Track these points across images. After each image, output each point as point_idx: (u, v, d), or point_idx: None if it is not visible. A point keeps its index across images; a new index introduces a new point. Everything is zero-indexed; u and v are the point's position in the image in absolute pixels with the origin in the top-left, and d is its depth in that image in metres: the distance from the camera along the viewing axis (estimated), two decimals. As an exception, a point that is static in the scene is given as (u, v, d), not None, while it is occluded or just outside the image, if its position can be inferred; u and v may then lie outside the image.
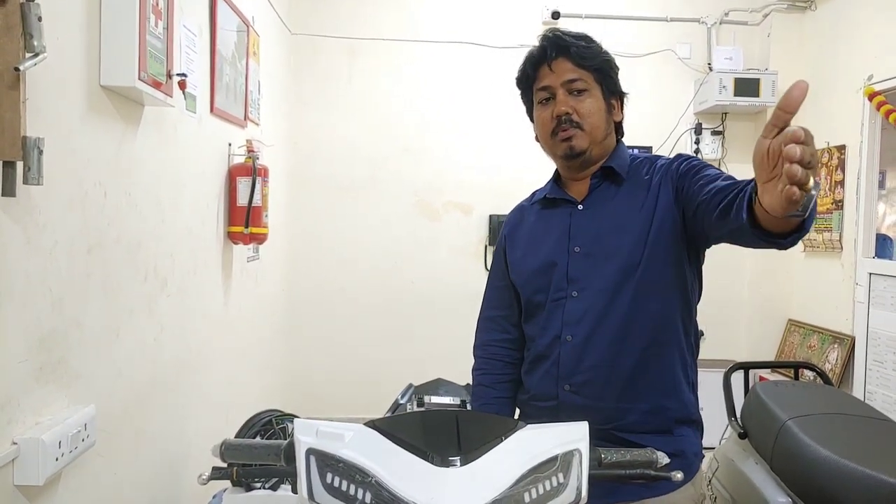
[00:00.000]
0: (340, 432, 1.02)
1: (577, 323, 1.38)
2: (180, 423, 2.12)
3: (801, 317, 3.94)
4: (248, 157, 2.50)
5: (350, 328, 4.00)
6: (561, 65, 1.41)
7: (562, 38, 1.41)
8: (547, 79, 1.42)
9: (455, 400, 1.97)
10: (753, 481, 1.78)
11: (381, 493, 0.95)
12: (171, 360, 2.03)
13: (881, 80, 3.33)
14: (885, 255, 3.60)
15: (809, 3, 3.94)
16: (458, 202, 4.06)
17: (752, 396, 1.96)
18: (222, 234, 2.47)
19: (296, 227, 3.91)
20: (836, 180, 3.64)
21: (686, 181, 1.33)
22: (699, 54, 4.11)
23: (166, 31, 1.69)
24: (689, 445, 1.40)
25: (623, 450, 1.12)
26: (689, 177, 1.32)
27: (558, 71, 1.41)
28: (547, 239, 1.47)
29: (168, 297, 1.98)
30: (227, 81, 2.46)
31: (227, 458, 1.14)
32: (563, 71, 1.41)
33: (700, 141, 4.10)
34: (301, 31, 3.88)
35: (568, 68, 1.40)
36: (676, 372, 1.39)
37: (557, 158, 1.47)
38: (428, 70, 4.01)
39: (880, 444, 1.64)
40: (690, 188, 1.30)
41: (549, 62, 1.41)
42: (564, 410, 1.36)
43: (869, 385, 3.33)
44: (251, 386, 3.02)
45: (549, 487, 0.98)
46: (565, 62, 1.41)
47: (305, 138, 3.93)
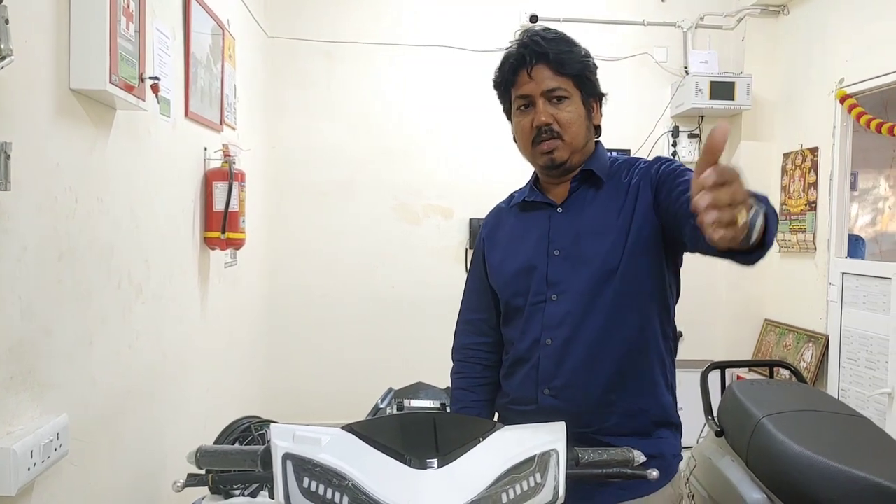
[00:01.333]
0: (317, 436, 1.02)
1: (556, 326, 1.38)
2: (157, 431, 2.09)
3: (777, 316, 3.99)
4: (225, 162, 2.48)
5: (330, 333, 3.98)
6: (540, 72, 1.39)
7: (540, 43, 1.38)
8: (526, 86, 1.40)
9: (435, 403, 1.96)
10: (730, 478, 1.80)
11: (358, 496, 0.94)
12: (147, 367, 2.01)
13: (852, 84, 3.38)
14: (857, 254, 3.66)
15: (782, 7, 3.99)
16: (438, 205, 4.06)
17: (729, 395, 1.98)
18: (198, 240, 2.45)
19: (274, 232, 3.89)
20: (810, 182, 3.69)
21: (665, 186, 1.32)
22: (675, 58, 4.16)
23: (138, 34, 1.67)
24: (667, 447, 1.41)
25: (600, 449, 1.13)
26: (669, 182, 1.32)
27: (538, 79, 1.39)
28: (526, 242, 1.46)
29: (143, 304, 1.96)
30: (202, 85, 2.44)
31: (202, 465, 1.13)
32: (542, 79, 1.38)
33: (677, 143, 4.13)
34: (278, 34, 3.86)
35: (547, 76, 1.38)
36: (655, 374, 1.40)
37: (537, 167, 1.47)
38: (407, 74, 4.01)
39: (852, 440, 1.66)
40: (669, 195, 1.29)
41: (529, 69, 1.39)
42: (543, 414, 1.35)
43: (842, 382, 3.37)
44: (230, 393, 2.99)
45: (526, 488, 0.98)
46: (544, 69, 1.38)
47: (283, 142, 3.91)
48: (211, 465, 1.13)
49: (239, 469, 1.13)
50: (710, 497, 1.92)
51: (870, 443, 1.66)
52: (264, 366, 3.76)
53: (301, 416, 3.70)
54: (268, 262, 3.83)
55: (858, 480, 1.46)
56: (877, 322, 3.15)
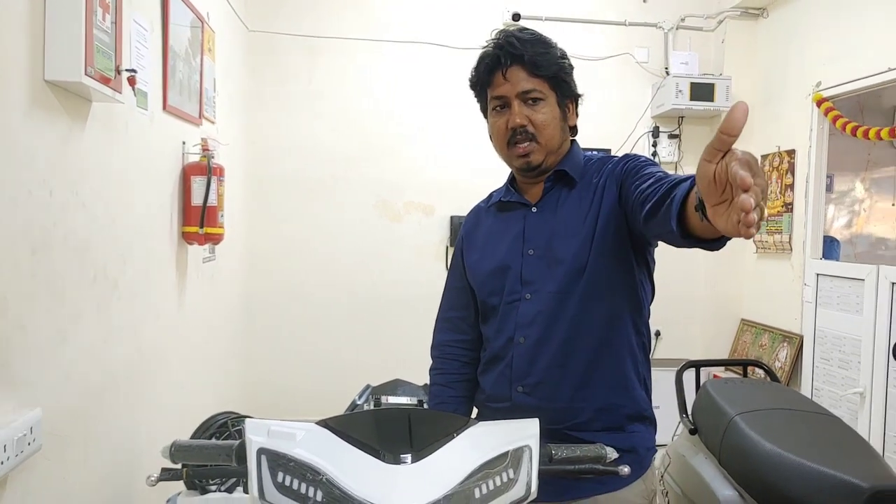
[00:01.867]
0: (292, 431, 1.02)
1: (529, 325, 1.39)
2: (132, 426, 2.08)
3: (753, 316, 4.04)
4: (203, 156, 2.46)
5: (309, 329, 3.97)
6: (515, 73, 1.39)
7: (515, 45, 1.38)
8: (501, 88, 1.41)
9: (412, 400, 1.97)
10: (703, 475, 1.82)
11: (332, 490, 0.95)
12: (123, 362, 1.99)
13: (829, 87, 3.43)
14: (832, 256, 3.71)
15: (762, 10, 4.04)
16: (419, 203, 4.06)
17: (703, 393, 2.01)
18: (176, 235, 2.43)
19: (254, 227, 3.87)
20: (787, 184, 3.74)
21: (627, 181, 1.33)
22: (656, 59, 4.19)
23: (115, 26, 1.66)
24: (641, 441, 1.42)
25: (573, 446, 1.14)
26: (631, 176, 1.33)
27: (513, 80, 1.39)
28: (502, 242, 1.48)
29: (119, 299, 1.94)
30: (181, 78, 2.42)
31: (176, 460, 1.12)
32: (517, 80, 1.39)
33: (657, 144, 4.17)
34: (259, 28, 3.84)
35: (522, 77, 1.39)
36: (627, 370, 1.41)
37: (513, 168, 1.48)
38: (388, 70, 4.01)
39: (822, 438, 1.69)
40: (629, 188, 1.30)
41: (504, 70, 1.39)
42: (518, 411, 1.36)
43: (816, 382, 3.43)
44: (208, 388, 2.98)
45: (499, 483, 0.99)
46: (520, 70, 1.39)
47: (264, 137, 3.89)
48: (185, 460, 1.12)
49: (214, 464, 1.13)
50: (683, 494, 1.95)
51: (839, 441, 1.69)
52: (243, 361, 3.75)
53: (279, 412, 3.69)
54: (247, 257, 3.81)
55: (827, 477, 1.49)
56: (850, 323, 3.20)
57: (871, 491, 1.42)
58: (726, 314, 4.15)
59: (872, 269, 3.06)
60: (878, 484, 1.43)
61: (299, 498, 0.96)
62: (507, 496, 0.99)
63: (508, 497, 0.99)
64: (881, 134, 3.13)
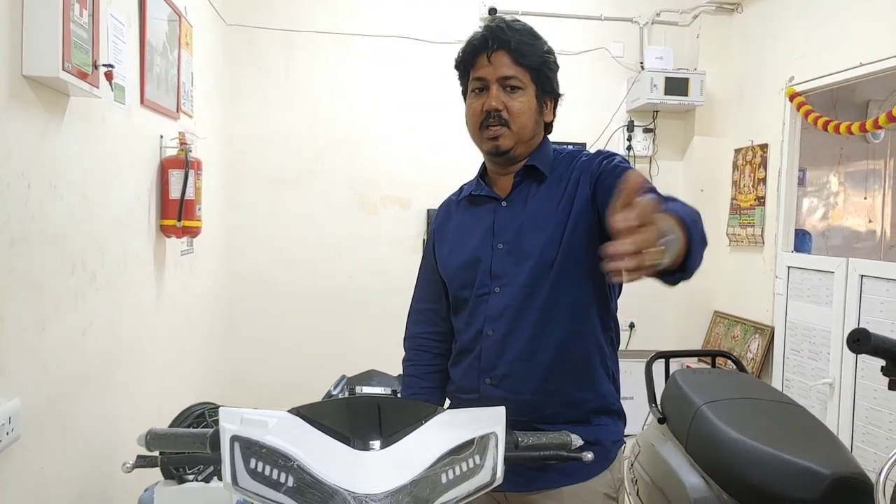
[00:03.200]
0: (264, 419, 1.05)
1: (497, 318, 1.42)
2: (111, 417, 2.10)
3: (726, 308, 4.11)
4: (181, 150, 2.47)
5: (287, 321, 3.99)
6: (499, 58, 1.41)
7: (504, 30, 1.41)
8: (483, 70, 1.42)
9: (387, 390, 2.00)
10: (671, 464, 1.87)
11: (303, 476, 0.98)
12: (101, 354, 2.01)
13: (801, 82, 3.49)
14: (803, 249, 3.79)
15: (736, 5, 4.09)
16: (395, 196, 4.09)
17: (671, 383, 2.05)
18: (154, 228, 2.44)
19: (232, 221, 3.87)
20: (759, 177, 3.80)
21: (604, 184, 1.35)
22: (632, 53, 4.23)
23: (91, 21, 1.67)
24: (606, 434, 1.45)
25: (539, 433, 1.18)
26: (608, 179, 1.35)
27: (496, 64, 1.41)
28: (472, 235, 1.50)
29: (97, 291, 1.96)
30: (158, 72, 2.43)
31: (152, 447, 1.15)
32: (500, 65, 1.41)
33: (632, 138, 4.22)
34: (236, 21, 3.84)
35: (505, 63, 1.41)
36: (594, 365, 1.44)
37: (483, 151, 1.51)
38: (366, 64, 4.02)
39: (785, 426, 1.74)
40: (606, 194, 1.31)
41: (489, 53, 1.41)
42: (486, 403, 1.38)
43: (787, 373, 3.50)
44: (186, 380, 2.99)
45: (465, 469, 1.02)
46: (504, 56, 1.41)
47: (241, 131, 3.89)
48: (161, 448, 1.15)
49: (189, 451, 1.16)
50: (652, 482, 1.99)
51: (802, 429, 1.73)
52: (221, 353, 3.76)
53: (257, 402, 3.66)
54: (225, 250, 3.82)
55: (789, 464, 1.53)
56: (820, 314, 3.27)
57: (832, 477, 1.46)
58: (699, 306, 4.22)
59: (842, 261, 3.13)
60: (838, 471, 1.47)
61: (271, 484, 0.99)
62: (473, 481, 1.03)
63: (474, 482, 1.03)
64: (852, 129, 3.19)
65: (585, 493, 1.40)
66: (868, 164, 4.65)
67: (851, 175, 4.69)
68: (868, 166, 4.66)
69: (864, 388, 2.95)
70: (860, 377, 2.97)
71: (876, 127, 3.10)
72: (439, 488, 0.99)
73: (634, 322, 4.19)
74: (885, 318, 2.84)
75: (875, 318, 2.90)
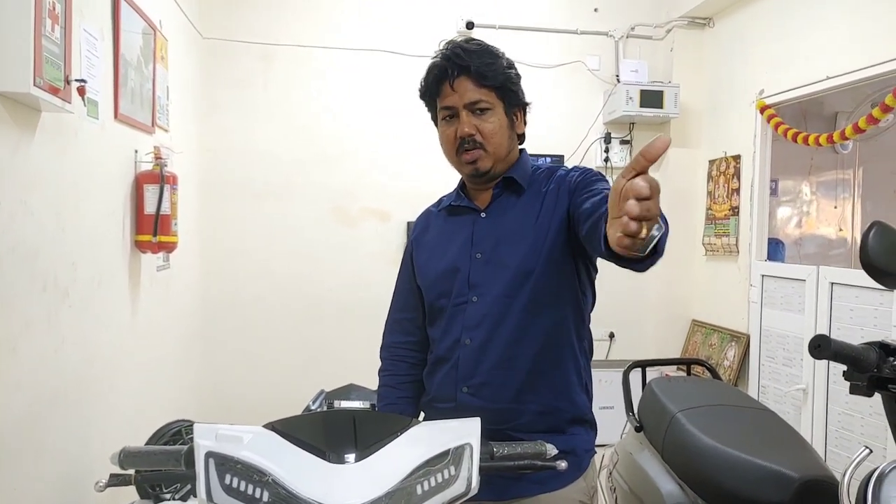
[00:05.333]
0: (239, 435, 1.05)
1: (475, 327, 1.43)
2: (86, 436, 2.07)
3: (703, 317, 4.16)
4: (156, 164, 2.46)
5: (266, 336, 3.96)
6: (462, 84, 1.41)
7: (462, 56, 1.41)
8: (449, 98, 1.43)
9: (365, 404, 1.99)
10: (647, 471, 1.89)
11: (278, 491, 0.98)
12: (75, 372, 1.98)
13: (771, 95, 3.56)
14: (776, 257, 3.85)
15: (708, 20, 4.17)
16: (374, 209, 4.09)
17: (648, 392, 2.08)
18: (129, 243, 2.42)
19: (209, 235, 3.85)
20: (733, 188, 3.86)
21: (577, 195, 1.37)
22: (608, 66, 4.29)
23: (64, 36, 1.66)
24: (580, 443, 1.46)
25: (514, 443, 1.18)
26: (580, 191, 1.37)
27: (460, 91, 1.41)
28: (451, 245, 1.51)
29: (70, 308, 1.94)
30: (133, 87, 2.42)
31: (126, 466, 1.14)
32: (464, 91, 1.41)
33: (609, 150, 4.27)
34: (213, 35, 3.83)
35: (469, 88, 1.41)
36: (569, 375, 1.45)
37: (463, 174, 1.52)
38: (344, 77, 4.03)
39: (757, 432, 1.77)
40: (576, 202, 1.34)
41: (451, 81, 1.42)
42: (462, 412, 1.38)
43: (762, 379, 3.55)
44: (164, 397, 2.96)
45: (440, 480, 1.03)
46: (467, 81, 1.41)
47: (219, 145, 3.88)
48: (135, 466, 1.14)
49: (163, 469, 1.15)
50: (630, 490, 2.01)
51: (774, 434, 1.77)
52: (199, 370, 3.73)
53: (235, 419, 3.64)
54: (202, 265, 3.79)
55: (761, 469, 1.56)
56: (793, 322, 3.32)
57: (801, 481, 1.50)
58: (678, 315, 4.27)
59: (813, 269, 3.19)
60: (807, 474, 1.51)
61: (246, 499, 0.99)
62: (448, 492, 1.03)
63: (449, 493, 1.03)
64: (820, 140, 3.26)
65: (561, 500, 1.41)
66: (838, 173, 4.75)
67: (822, 185, 4.78)
68: (838, 176, 4.75)
69: (836, 393, 2.99)
70: (832, 382, 3.02)
71: (843, 138, 3.17)
72: (414, 500, 0.99)
73: (614, 332, 4.22)
74: (855, 324, 2.89)
75: (845, 324, 2.95)
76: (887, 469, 1.23)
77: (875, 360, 1.28)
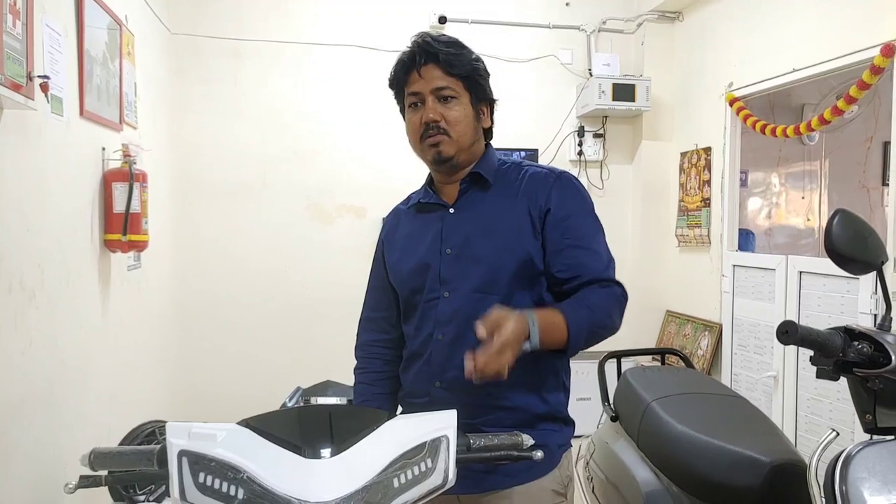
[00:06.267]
0: (213, 433, 1.03)
1: (447, 322, 1.43)
2: (56, 438, 2.03)
3: (677, 307, 4.21)
4: (125, 162, 2.42)
5: (241, 334, 3.93)
6: (430, 71, 1.43)
7: (431, 44, 1.43)
8: (416, 84, 1.45)
9: (342, 400, 1.99)
10: (623, 460, 1.91)
11: (253, 487, 0.97)
12: (43, 374, 1.95)
13: (740, 87, 3.61)
14: (747, 247, 3.91)
15: (678, 14, 4.21)
16: (350, 205, 4.07)
17: (623, 381, 2.10)
18: (98, 243, 2.38)
19: (182, 234, 3.80)
20: (704, 180, 3.91)
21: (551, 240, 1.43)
22: (580, 60, 4.31)
23: (26, 31, 1.63)
24: (552, 439, 1.45)
25: (490, 434, 1.19)
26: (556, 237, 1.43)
27: (427, 77, 1.43)
28: (422, 241, 1.51)
29: (37, 309, 1.90)
30: (99, 83, 2.38)
31: (96, 467, 1.11)
32: (431, 78, 1.43)
33: (583, 143, 4.29)
34: (181, 30, 3.78)
35: (437, 75, 1.43)
36: (542, 372, 1.46)
37: (427, 162, 1.52)
38: (316, 72, 4.00)
39: (728, 418, 1.80)
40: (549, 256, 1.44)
41: (419, 68, 1.44)
42: (436, 406, 1.37)
43: (735, 368, 3.60)
44: (137, 398, 2.92)
45: (417, 472, 1.02)
46: (434, 69, 1.43)
47: (189, 142, 3.83)
48: (105, 467, 1.12)
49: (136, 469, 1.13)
50: (606, 479, 2.03)
51: (744, 420, 1.80)
52: (173, 369, 3.68)
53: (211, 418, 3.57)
54: (175, 264, 3.74)
55: (732, 454, 1.59)
56: (763, 310, 3.37)
57: (772, 465, 1.53)
58: (652, 306, 4.31)
59: (782, 259, 3.24)
60: (778, 458, 1.54)
61: (221, 497, 0.97)
62: (425, 484, 1.03)
63: (426, 485, 1.03)
64: (787, 132, 3.31)
65: (535, 490, 1.42)
66: (805, 165, 4.82)
67: (791, 176, 4.85)
68: (805, 167, 4.83)
69: (806, 380, 3.05)
70: (802, 370, 3.08)
71: (810, 130, 3.22)
72: (391, 492, 0.99)
73: (588, 324, 4.25)
74: (823, 311, 2.95)
75: (813, 311, 3.01)
76: (854, 451, 1.26)
77: (840, 345, 1.30)
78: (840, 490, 1.21)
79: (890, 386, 1.27)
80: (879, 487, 1.20)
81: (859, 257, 1.37)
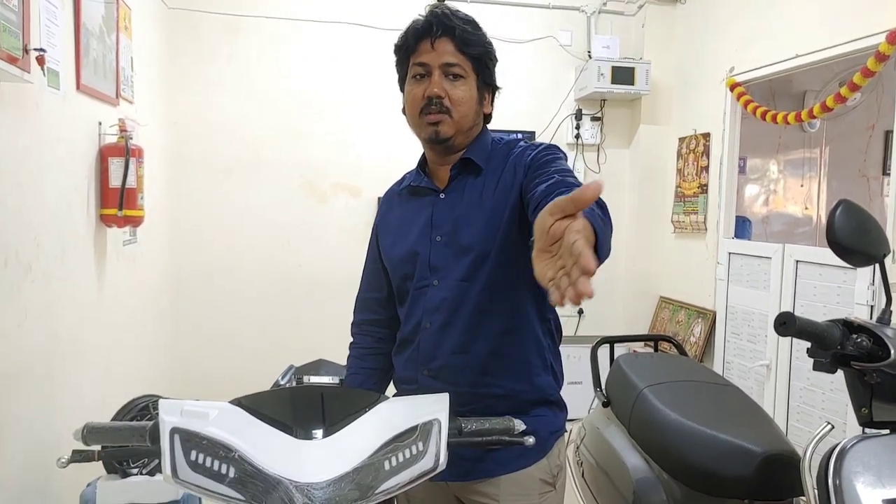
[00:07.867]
0: (205, 411, 1.04)
1: (435, 311, 1.42)
2: (51, 412, 2.04)
3: (671, 294, 4.22)
4: (121, 137, 2.41)
5: (236, 311, 3.93)
6: (443, 45, 1.38)
7: (449, 17, 1.38)
8: (426, 55, 1.40)
9: (334, 380, 1.99)
10: (614, 446, 1.92)
11: (244, 467, 0.97)
12: (38, 348, 1.95)
13: (741, 72, 3.59)
14: (743, 235, 3.91)
15: (680, -4, 4.17)
16: (346, 184, 4.06)
17: (615, 368, 2.10)
18: (94, 217, 2.38)
19: (177, 209, 3.79)
20: (702, 166, 3.90)
21: (530, 175, 1.34)
22: (579, 42, 4.28)
23: (22, 3, 1.61)
24: (544, 424, 1.45)
25: (482, 419, 1.19)
26: (533, 170, 1.34)
27: (439, 50, 1.39)
28: (413, 227, 1.49)
29: (32, 283, 1.90)
30: (95, 57, 2.35)
31: (89, 442, 1.12)
32: (443, 52, 1.38)
33: (580, 126, 4.27)
34: (178, 5, 3.74)
35: (449, 50, 1.39)
36: (531, 357, 1.44)
37: (422, 139, 1.50)
38: (312, 50, 3.97)
39: (721, 407, 1.80)
40: (529, 184, 1.30)
41: (433, 39, 1.39)
42: (425, 393, 1.39)
43: (728, 355, 3.62)
44: (131, 373, 2.93)
45: (408, 455, 1.03)
46: (448, 43, 1.38)
47: (185, 117, 3.80)
48: (98, 442, 1.12)
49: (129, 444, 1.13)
50: (597, 464, 2.04)
51: (736, 409, 1.80)
52: (168, 345, 3.69)
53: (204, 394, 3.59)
54: (170, 239, 3.74)
55: (724, 443, 1.59)
56: (758, 299, 3.38)
57: (763, 455, 1.52)
58: (646, 292, 4.32)
59: (778, 247, 3.24)
60: (769, 448, 1.54)
61: (213, 475, 0.98)
62: (417, 467, 1.03)
63: (417, 468, 1.03)
64: (788, 118, 3.30)
65: (523, 478, 1.42)
66: (805, 152, 4.81)
67: (790, 163, 4.84)
68: (805, 155, 4.82)
69: (799, 369, 3.06)
70: (795, 359, 3.09)
71: (811, 117, 3.21)
72: (382, 475, 0.99)
73: (583, 308, 4.26)
74: (818, 301, 2.95)
75: (809, 301, 3.01)
76: (848, 444, 1.26)
77: (839, 338, 1.29)
78: (833, 483, 1.22)
79: (888, 380, 1.27)
80: (873, 482, 1.20)
81: (861, 249, 1.36)
